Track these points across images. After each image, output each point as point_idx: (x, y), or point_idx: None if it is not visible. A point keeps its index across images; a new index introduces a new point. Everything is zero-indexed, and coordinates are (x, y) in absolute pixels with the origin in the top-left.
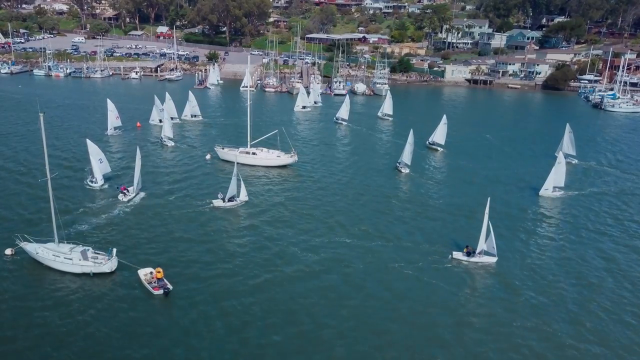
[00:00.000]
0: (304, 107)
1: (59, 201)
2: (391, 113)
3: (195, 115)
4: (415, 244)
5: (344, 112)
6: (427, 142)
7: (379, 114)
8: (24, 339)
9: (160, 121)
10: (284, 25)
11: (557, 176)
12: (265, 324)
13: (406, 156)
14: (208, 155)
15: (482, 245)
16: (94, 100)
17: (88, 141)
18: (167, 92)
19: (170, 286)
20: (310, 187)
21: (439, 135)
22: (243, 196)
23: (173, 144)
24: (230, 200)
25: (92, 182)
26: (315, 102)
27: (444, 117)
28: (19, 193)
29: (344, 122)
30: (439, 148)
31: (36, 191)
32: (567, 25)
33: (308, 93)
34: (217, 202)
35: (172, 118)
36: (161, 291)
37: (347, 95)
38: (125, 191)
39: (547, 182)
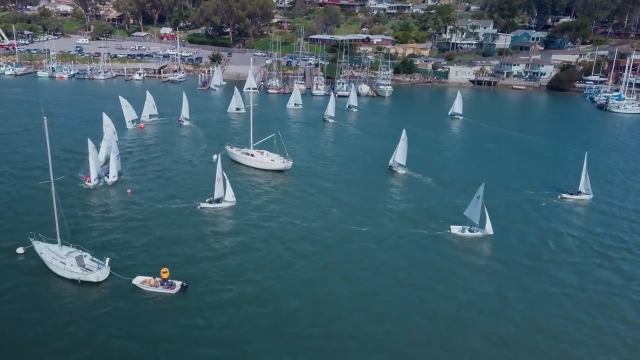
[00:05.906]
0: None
1: (66, 204)
2: (356, 104)
3: (153, 116)
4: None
5: (330, 110)
6: None
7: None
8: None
9: (132, 122)
10: (287, 26)
11: (400, 152)
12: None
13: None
14: (215, 156)
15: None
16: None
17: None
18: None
19: (182, 282)
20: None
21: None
22: (230, 197)
23: (188, 123)
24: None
25: (107, 176)
26: (295, 105)
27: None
28: (38, 193)
29: (330, 120)
30: None
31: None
32: (572, 25)
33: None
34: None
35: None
36: (177, 288)
37: (332, 95)
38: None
39: (393, 156)
